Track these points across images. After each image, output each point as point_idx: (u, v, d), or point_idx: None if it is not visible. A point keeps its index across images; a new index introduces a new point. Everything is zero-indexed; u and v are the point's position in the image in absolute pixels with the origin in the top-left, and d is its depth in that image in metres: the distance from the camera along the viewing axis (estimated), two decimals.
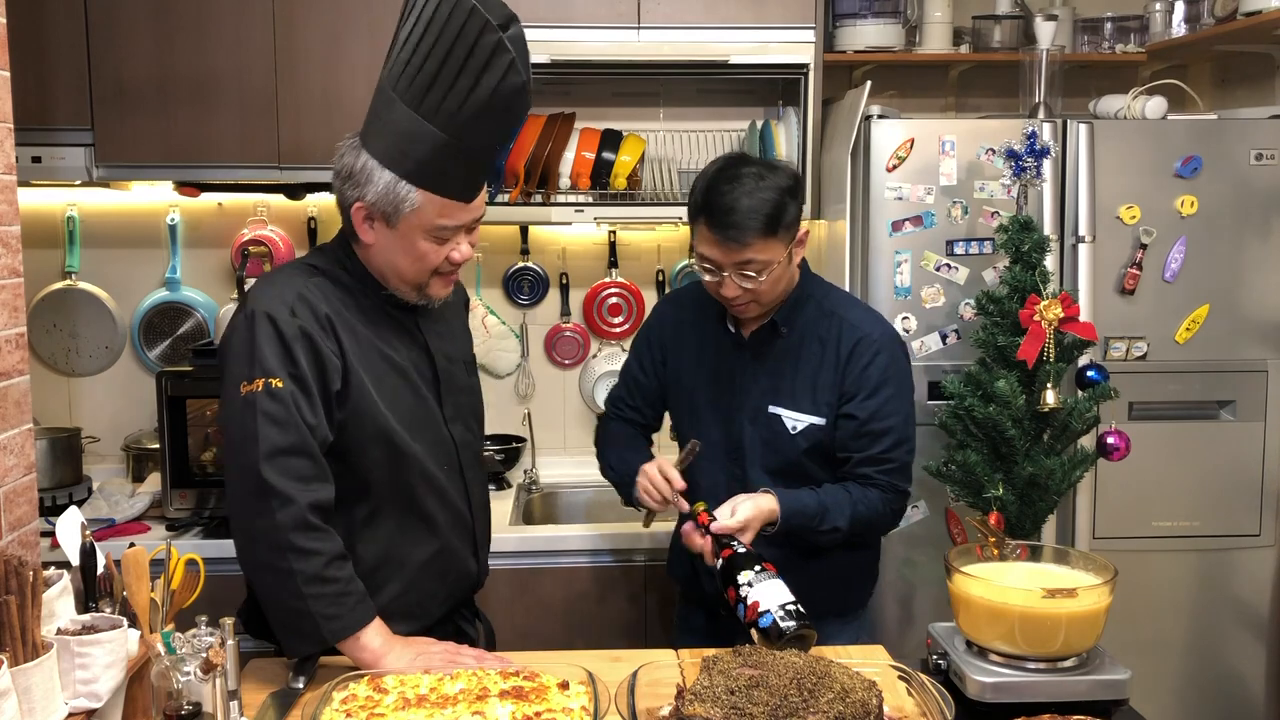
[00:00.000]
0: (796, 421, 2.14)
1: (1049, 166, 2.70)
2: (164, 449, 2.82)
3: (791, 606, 1.81)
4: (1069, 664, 1.77)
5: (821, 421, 2.13)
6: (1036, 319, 2.53)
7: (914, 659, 1.90)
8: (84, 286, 3.27)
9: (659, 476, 2.08)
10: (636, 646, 2.42)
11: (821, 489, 2.11)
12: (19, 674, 1.37)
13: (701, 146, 3.26)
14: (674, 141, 3.26)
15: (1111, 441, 2.66)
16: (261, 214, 3.29)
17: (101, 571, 1.64)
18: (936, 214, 2.83)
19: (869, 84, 2.82)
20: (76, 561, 1.63)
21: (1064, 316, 2.52)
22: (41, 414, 3.11)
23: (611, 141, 3.16)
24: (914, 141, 2.82)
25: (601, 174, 3.15)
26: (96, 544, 1.65)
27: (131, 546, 1.64)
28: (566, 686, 1.65)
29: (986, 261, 2.83)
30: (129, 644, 1.53)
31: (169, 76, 2.86)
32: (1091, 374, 2.66)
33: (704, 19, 2.95)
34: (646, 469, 2.12)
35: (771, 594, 1.83)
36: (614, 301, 3.39)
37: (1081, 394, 2.64)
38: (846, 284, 2.88)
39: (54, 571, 1.60)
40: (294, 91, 2.88)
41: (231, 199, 3.28)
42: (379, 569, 1.89)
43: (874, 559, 2.31)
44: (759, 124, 3.17)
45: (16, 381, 1.83)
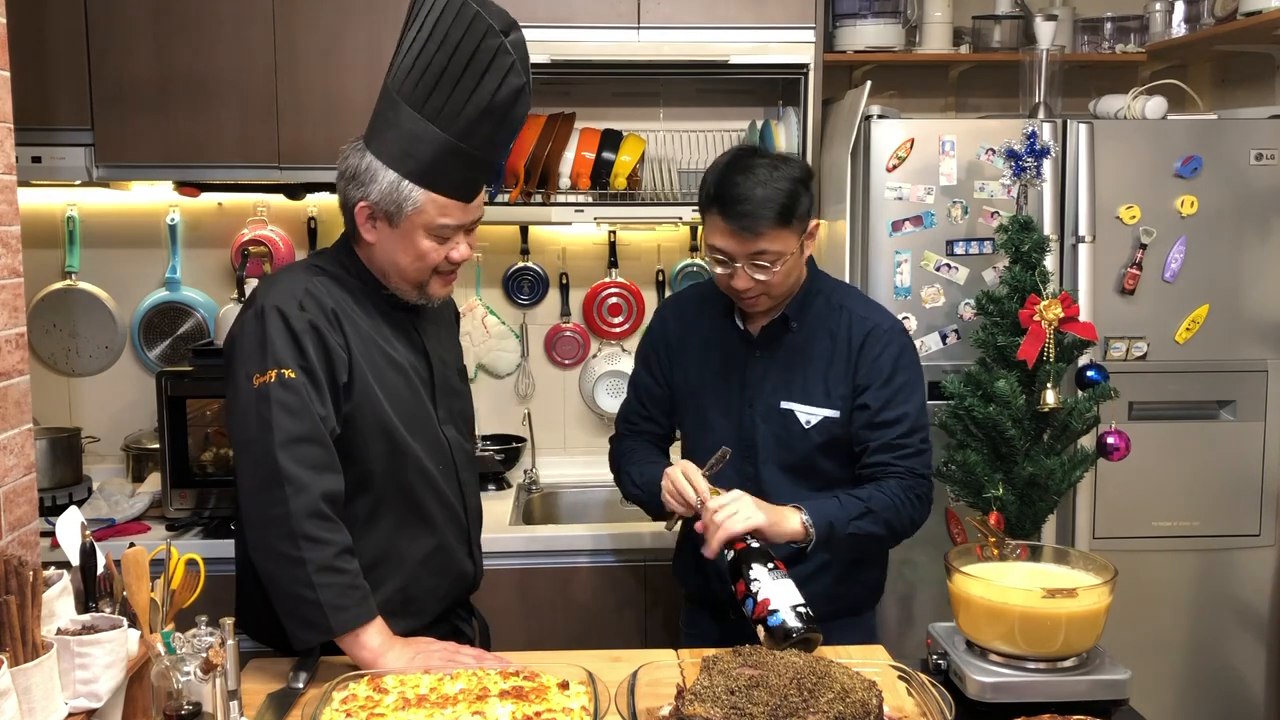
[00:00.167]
0: (810, 416, 2.13)
1: (1049, 166, 2.70)
2: (164, 449, 2.82)
3: (801, 609, 1.80)
4: (1069, 664, 1.77)
5: (835, 414, 2.12)
6: (1036, 319, 2.53)
7: (914, 659, 1.90)
8: (84, 286, 3.27)
9: (682, 480, 2.02)
10: (636, 646, 2.42)
11: (838, 494, 2.07)
12: (19, 674, 1.37)
13: (701, 146, 3.26)
14: (674, 141, 3.26)
15: (1111, 441, 2.66)
16: (261, 214, 3.29)
17: (101, 571, 1.64)
18: (936, 214, 2.83)
19: (869, 84, 2.82)
20: (76, 561, 1.63)
21: (1064, 316, 2.52)
22: (41, 414, 3.11)
23: (611, 141, 3.16)
24: (914, 141, 2.82)
25: (601, 174, 3.15)
26: (96, 544, 1.65)
27: (131, 546, 1.64)
28: (566, 686, 1.65)
29: (986, 261, 2.83)
30: (129, 644, 1.53)
31: (169, 76, 2.86)
32: (1091, 374, 2.66)
33: (704, 19, 2.95)
34: (670, 472, 2.05)
35: (782, 593, 1.82)
36: (614, 301, 3.39)
37: (1081, 394, 2.64)
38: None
39: (54, 571, 1.60)
40: (294, 91, 2.88)
41: (231, 199, 3.28)
42: (378, 565, 1.90)
43: (883, 557, 2.29)
44: (759, 124, 3.16)
45: (16, 381, 1.83)
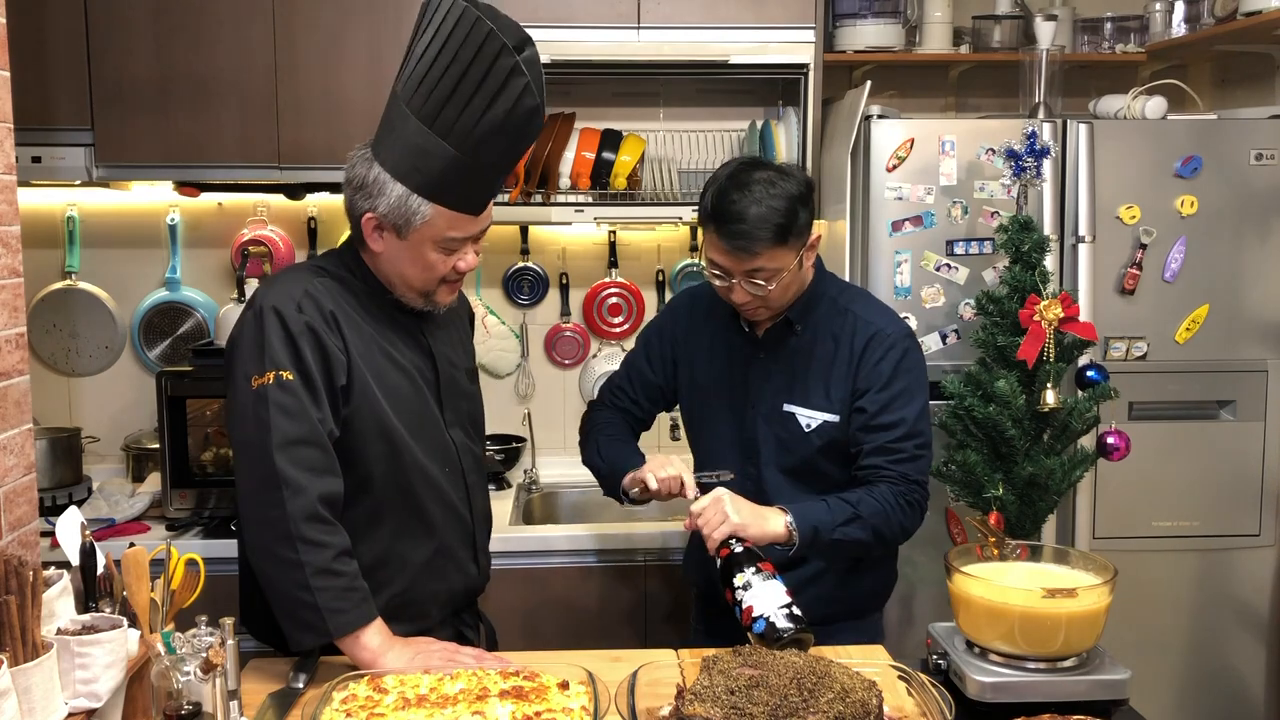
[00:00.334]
0: (810, 419, 2.13)
1: (1049, 166, 2.70)
2: (164, 449, 2.83)
3: (786, 609, 1.79)
4: (1069, 664, 1.77)
5: (835, 419, 2.12)
6: (1036, 319, 2.53)
7: (914, 659, 1.90)
8: (84, 286, 3.27)
9: (676, 476, 2.04)
10: (636, 646, 2.42)
11: (827, 498, 2.07)
12: (19, 674, 1.37)
13: (701, 146, 3.26)
14: (674, 141, 3.26)
15: (1111, 441, 2.66)
16: (261, 214, 3.29)
17: (101, 571, 1.64)
18: (936, 214, 2.83)
19: (869, 84, 2.82)
20: (76, 561, 1.63)
21: (1064, 316, 2.52)
22: (41, 414, 3.11)
23: (611, 141, 3.16)
24: (914, 141, 2.81)
25: (601, 174, 3.15)
26: (96, 544, 1.65)
27: (131, 546, 1.64)
28: (566, 686, 1.65)
29: (986, 261, 2.83)
30: (129, 644, 1.53)
31: (169, 76, 2.85)
32: (1091, 374, 2.66)
33: (704, 19, 2.95)
34: (671, 460, 2.08)
35: (768, 596, 1.81)
36: (614, 301, 3.39)
37: (1081, 394, 2.64)
38: None
39: (54, 571, 1.60)
40: (294, 91, 2.88)
41: (231, 199, 3.28)
42: (379, 569, 1.90)
43: (890, 560, 2.29)
44: (759, 124, 3.16)
45: (16, 381, 1.83)
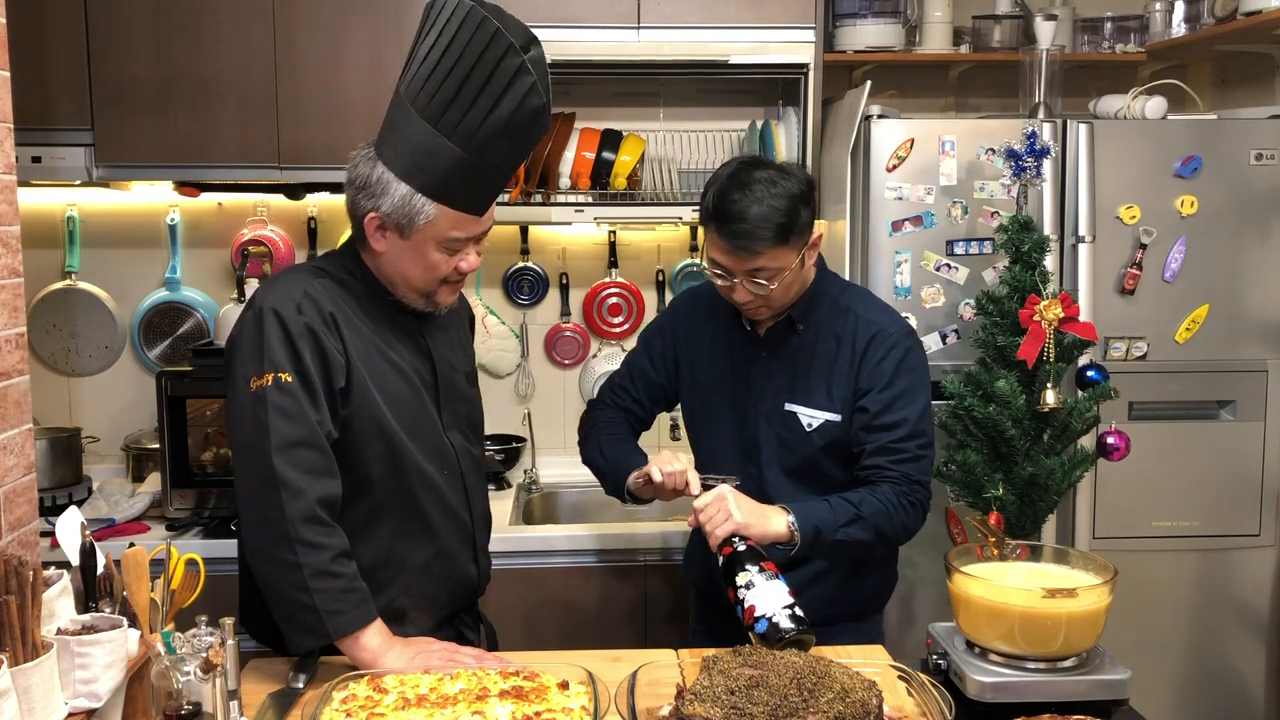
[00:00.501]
0: (812, 419, 2.13)
1: (1049, 166, 2.70)
2: (164, 449, 2.82)
3: (789, 609, 1.79)
4: (1069, 664, 1.77)
5: (837, 418, 2.12)
6: (1036, 319, 2.53)
7: (914, 659, 1.90)
8: (84, 286, 3.27)
9: (682, 471, 2.04)
10: (636, 646, 2.42)
11: (830, 498, 2.07)
12: (19, 674, 1.37)
13: (701, 146, 3.26)
14: (674, 141, 3.26)
15: (1111, 441, 2.66)
16: (261, 214, 3.29)
17: (101, 571, 1.64)
18: (936, 214, 2.83)
19: (869, 84, 2.82)
20: (76, 561, 1.63)
21: (1064, 316, 2.52)
22: (41, 414, 3.11)
23: (611, 141, 3.16)
24: (914, 141, 2.82)
25: (601, 174, 3.15)
26: (96, 544, 1.65)
27: (131, 546, 1.64)
28: (566, 686, 1.65)
29: (986, 261, 2.83)
30: (129, 644, 1.53)
31: (169, 76, 2.85)
32: (1091, 374, 2.66)
33: (704, 19, 2.95)
34: (678, 455, 2.08)
35: (770, 596, 1.81)
36: (614, 301, 3.39)
37: (1081, 394, 2.64)
38: None
39: (54, 571, 1.60)
40: (294, 91, 2.88)
41: (231, 199, 3.28)
42: (378, 570, 1.90)
43: (891, 561, 2.29)
44: (759, 124, 3.16)
45: (16, 381, 1.83)
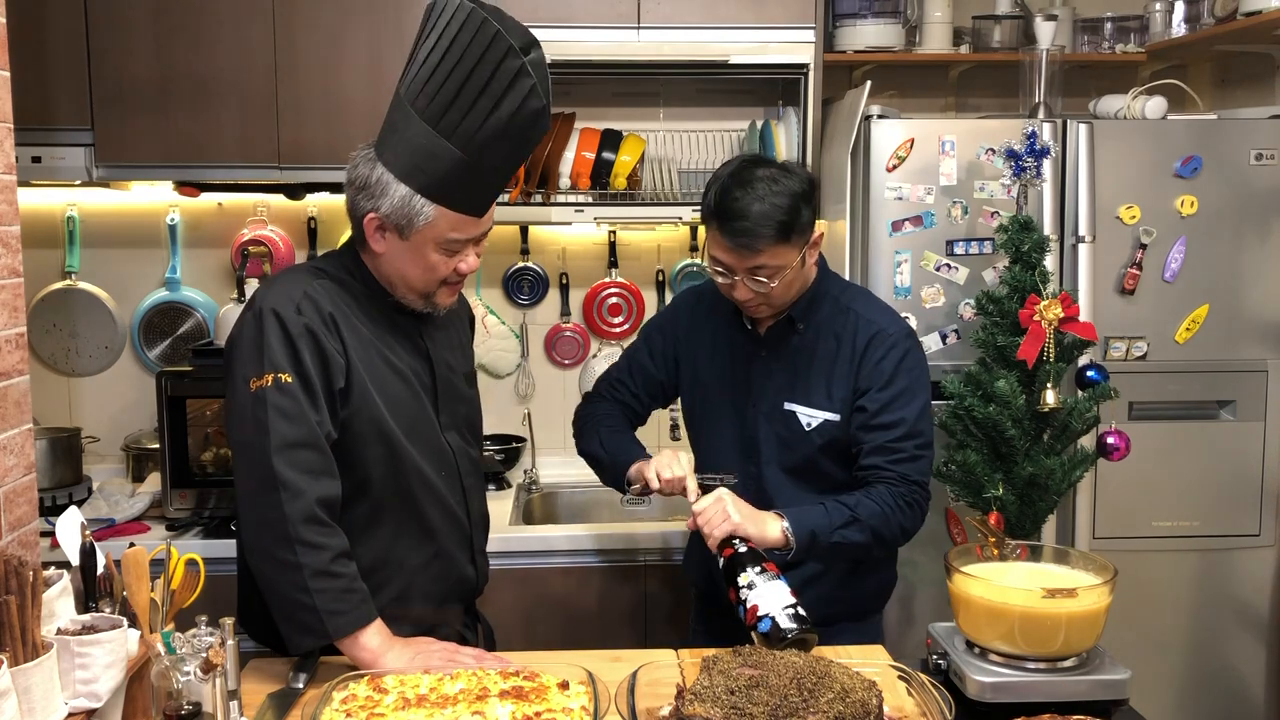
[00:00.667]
0: (811, 418, 2.13)
1: (1049, 166, 2.70)
2: (164, 449, 2.82)
3: (791, 609, 1.79)
4: (1069, 664, 1.77)
5: (836, 418, 2.12)
6: (1036, 319, 2.53)
7: (914, 659, 1.90)
8: (84, 286, 3.27)
9: (680, 478, 2.05)
10: (636, 646, 2.42)
11: (825, 501, 2.06)
12: (19, 674, 1.37)
13: (701, 146, 3.26)
14: (674, 141, 3.26)
15: (1111, 441, 2.66)
16: (261, 214, 3.29)
17: (101, 571, 1.64)
18: (936, 214, 2.83)
19: (869, 84, 2.82)
20: (76, 561, 1.63)
21: (1064, 316, 2.52)
22: (41, 414, 3.11)
23: (611, 141, 3.16)
24: (914, 141, 2.82)
25: (601, 174, 3.15)
26: (96, 544, 1.65)
27: (131, 546, 1.64)
28: (566, 686, 1.65)
29: (986, 261, 2.83)
30: (129, 644, 1.53)
31: (169, 76, 2.85)
32: (1091, 374, 2.66)
33: (704, 19, 2.94)
34: (678, 457, 2.08)
35: (772, 596, 1.81)
36: (614, 301, 3.39)
37: (1081, 394, 2.64)
38: None
39: (54, 571, 1.60)
40: (294, 91, 2.88)
41: (231, 199, 3.27)
42: (376, 571, 1.90)
43: (890, 562, 2.29)
44: (759, 124, 3.16)
45: (16, 381, 1.83)
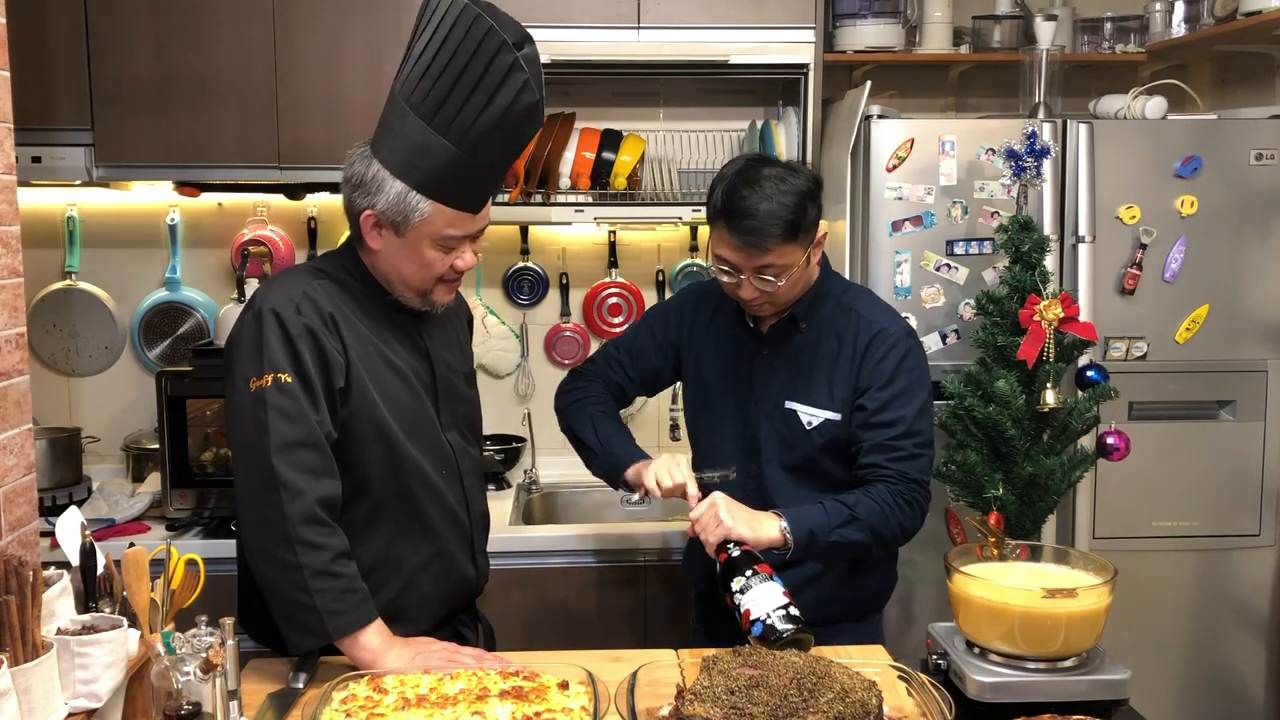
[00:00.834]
0: (812, 417, 2.13)
1: (1049, 166, 2.70)
2: (164, 449, 2.82)
3: (783, 610, 1.79)
4: (1069, 664, 1.77)
5: (837, 417, 2.12)
6: (1036, 319, 2.53)
7: (914, 659, 1.90)
8: (84, 286, 3.27)
9: (680, 484, 2.04)
10: (636, 646, 2.42)
11: (824, 500, 2.06)
12: (19, 674, 1.37)
13: (701, 146, 3.26)
14: (674, 141, 3.26)
15: (1111, 441, 2.66)
16: (261, 214, 3.29)
17: (101, 571, 1.64)
18: (936, 214, 2.83)
19: (869, 84, 2.82)
20: (76, 561, 1.63)
21: (1064, 316, 2.52)
22: (41, 414, 3.11)
23: (611, 141, 3.16)
24: (914, 141, 2.82)
25: (601, 174, 3.15)
26: (96, 544, 1.65)
27: (131, 546, 1.64)
28: (566, 686, 1.65)
29: (986, 261, 2.83)
30: (129, 644, 1.53)
31: (169, 76, 2.85)
32: (1091, 374, 2.66)
33: (704, 19, 2.94)
34: (679, 461, 2.08)
35: (765, 598, 1.81)
36: (614, 301, 3.39)
37: (1081, 394, 2.64)
38: None
39: (54, 571, 1.60)
40: (294, 91, 2.88)
41: (231, 199, 3.27)
42: (376, 570, 1.90)
43: (890, 562, 2.28)
44: (759, 124, 3.16)
45: (16, 381, 1.83)
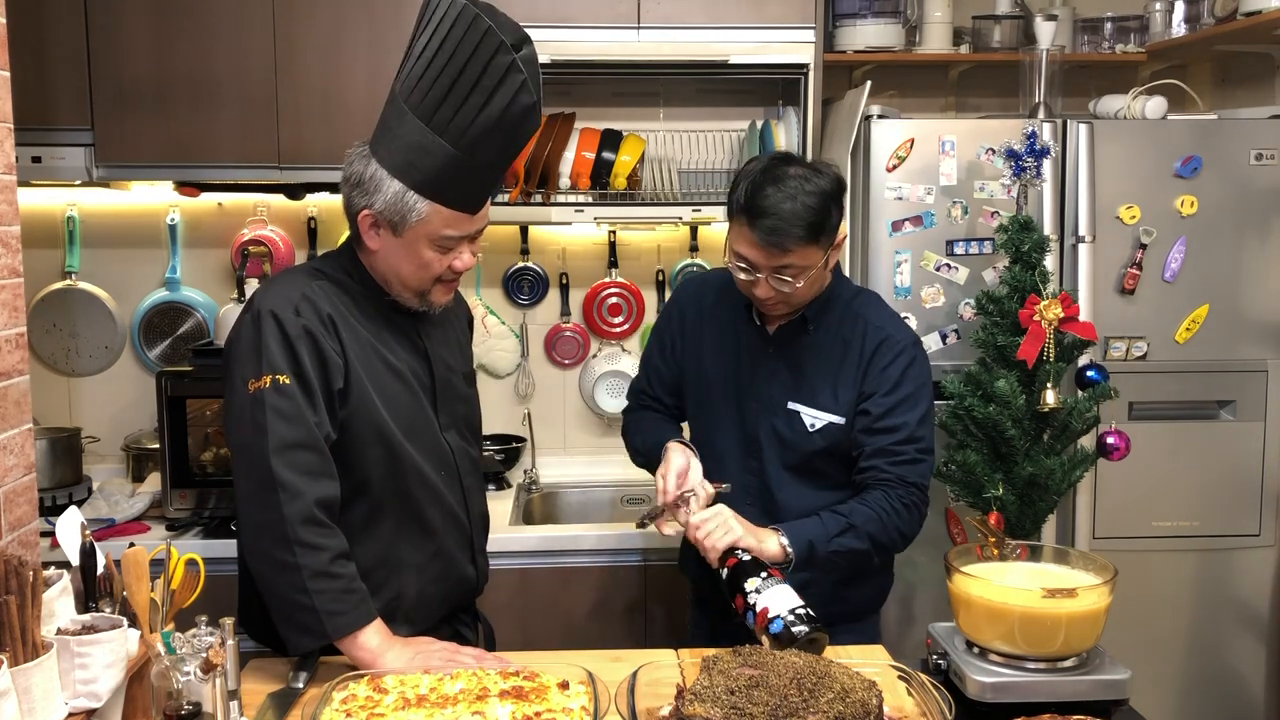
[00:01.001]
0: (815, 419, 2.13)
1: (1049, 166, 2.70)
2: (164, 449, 2.82)
3: (801, 611, 1.80)
4: (1069, 664, 1.77)
5: (840, 420, 2.12)
6: (1036, 319, 2.53)
7: (914, 659, 1.90)
8: (84, 286, 3.27)
9: (672, 476, 2.05)
10: (636, 646, 2.42)
11: (820, 512, 2.06)
12: (19, 674, 1.37)
13: (701, 146, 3.26)
14: (674, 141, 3.26)
15: (1111, 441, 2.66)
16: (261, 214, 3.29)
17: (101, 571, 1.64)
18: (936, 214, 2.83)
19: (869, 84, 2.82)
20: (76, 561, 1.63)
21: (1064, 316, 2.52)
22: (41, 414, 3.11)
23: (611, 141, 3.16)
24: (914, 141, 2.82)
25: (601, 174, 3.15)
26: (96, 544, 1.65)
27: (131, 546, 1.64)
28: (566, 686, 1.65)
29: (986, 261, 2.83)
30: (129, 644, 1.53)
31: (169, 76, 2.85)
32: (1091, 374, 2.66)
33: (704, 19, 2.95)
34: (670, 462, 2.08)
35: (779, 599, 1.82)
36: (614, 301, 3.39)
37: (1081, 394, 2.64)
38: None
39: (54, 571, 1.60)
40: (294, 91, 2.88)
41: (231, 199, 3.27)
42: (376, 571, 1.90)
43: (889, 563, 2.28)
44: (759, 124, 3.16)
45: (16, 381, 1.83)
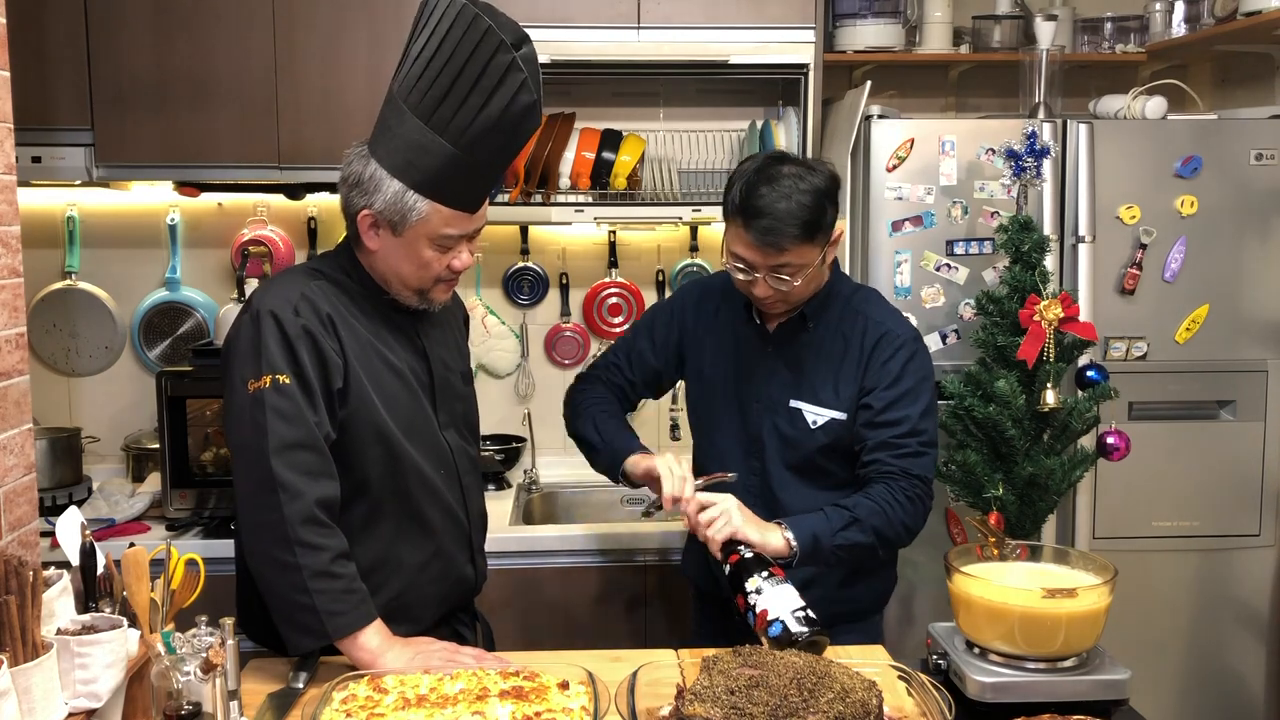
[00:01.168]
0: (817, 416, 2.13)
1: (1049, 166, 2.70)
2: (164, 449, 2.82)
3: (801, 612, 1.79)
4: (1069, 664, 1.77)
5: (842, 416, 2.12)
6: (1036, 319, 2.53)
7: (914, 659, 1.90)
8: (84, 286, 3.27)
9: (666, 472, 2.04)
10: (636, 646, 2.42)
11: (824, 507, 2.05)
12: (19, 674, 1.37)
13: (701, 146, 3.26)
14: (674, 141, 3.26)
15: (1111, 441, 2.66)
16: (261, 214, 3.29)
17: (101, 571, 1.64)
18: (936, 214, 2.83)
19: (869, 84, 2.82)
20: (76, 561, 1.63)
21: (1064, 316, 2.52)
22: (41, 414, 3.11)
23: (611, 141, 3.16)
24: (914, 141, 2.82)
25: (601, 174, 3.15)
26: (96, 544, 1.65)
27: (131, 546, 1.64)
28: (566, 686, 1.65)
29: (986, 261, 2.83)
30: (129, 644, 1.53)
31: (169, 76, 2.85)
32: (1091, 374, 2.66)
33: (704, 19, 2.94)
34: (659, 463, 2.07)
35: (780, 600, 1.81)
36: (614, 301, 3.39)
37: (1081, 394, 2.64)
38: None
39: (54, 571, 1.60)
40: (294, 91, 2.88)
41: (231, 199, 3.27)
42: (375, 571, 1.90)
43: (891, 563, 2.28)
44: (759, 124, 3.16)
45: (16, 381, 1.83)
